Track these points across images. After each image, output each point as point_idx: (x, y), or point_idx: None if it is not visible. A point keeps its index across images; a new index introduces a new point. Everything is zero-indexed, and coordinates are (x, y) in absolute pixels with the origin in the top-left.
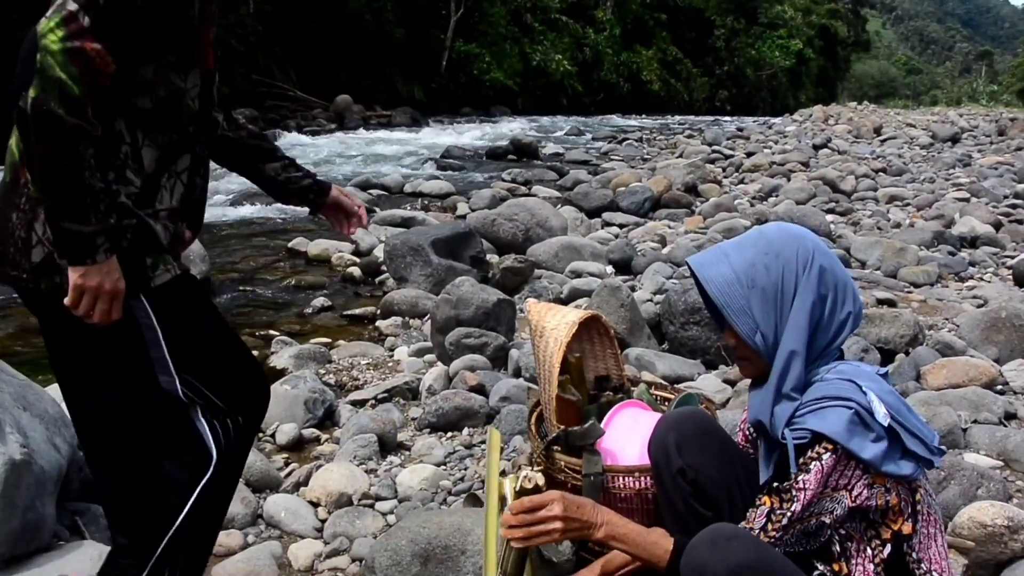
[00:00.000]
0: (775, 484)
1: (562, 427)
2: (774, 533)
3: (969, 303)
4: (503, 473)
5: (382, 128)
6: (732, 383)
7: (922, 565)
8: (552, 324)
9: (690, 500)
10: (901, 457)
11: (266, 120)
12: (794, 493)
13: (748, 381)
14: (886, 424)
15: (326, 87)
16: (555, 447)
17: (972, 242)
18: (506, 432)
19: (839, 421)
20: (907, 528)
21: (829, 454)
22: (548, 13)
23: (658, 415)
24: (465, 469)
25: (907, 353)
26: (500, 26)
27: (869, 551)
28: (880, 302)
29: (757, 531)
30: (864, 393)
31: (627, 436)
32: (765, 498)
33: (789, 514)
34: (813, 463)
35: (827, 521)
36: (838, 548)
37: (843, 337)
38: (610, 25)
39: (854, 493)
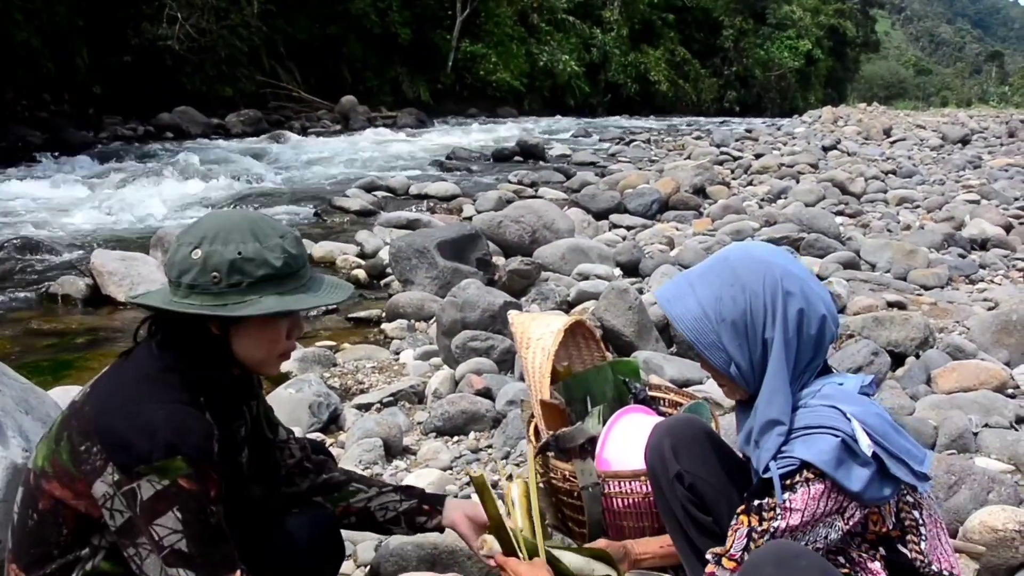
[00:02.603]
0: (755, 502)
1: (551, 432)
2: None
3: (979, 306)
4: (509, 477)
5: (387, 129)
6: None
7: (932, 566)
8: (537, 334)
9: (688, 505)
10: (882, 479)
11: (270, 122)
12: (778, 511)
13: None
14: (869, 453)
15: (331, 88)
16: (548, 453)
17: (982, 244)
18: (512, 437)
19: (827, 449)
20: (894, 532)
21: (817, 480)
22: (555, 13)
23: (660, 419)
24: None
25: (917, 356)
26: (506, 26)
27: (865, 555)
28: (890, 304)
29: (739, 553)
30: (848, 420)
31: (628, 442)
32: (742, 518)
33: (771, 531)
34: (799, 486)
35: (820, 547)
36: (846, 566)
37: (824, 348)
38: (617, 25)
39: (846, 515)
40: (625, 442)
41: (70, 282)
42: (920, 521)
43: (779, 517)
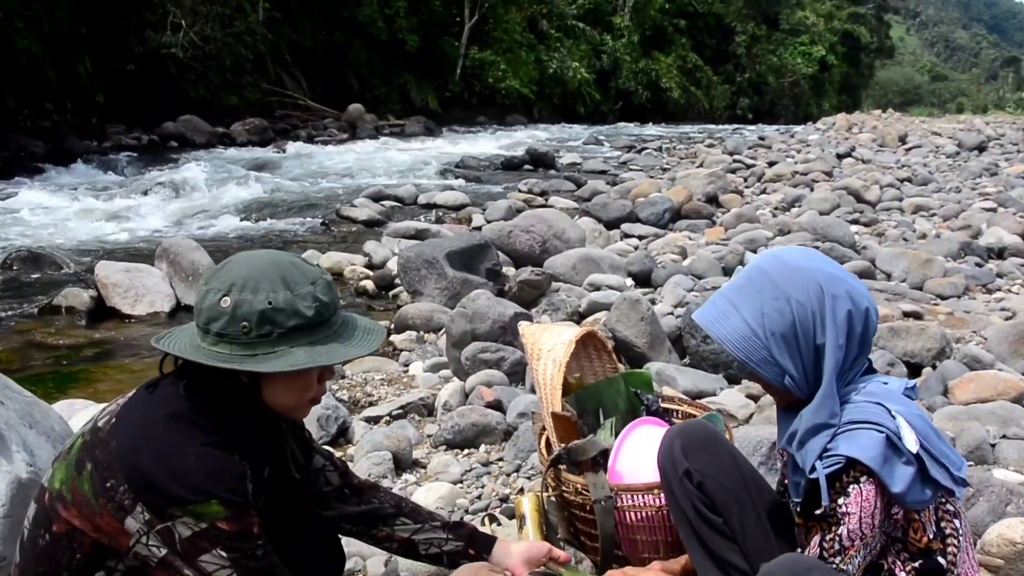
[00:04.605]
0: (816, 512)
1: (563, 445)
2: (833, 561)
3: (997, 315)
4: (521, 491)
5: (395, 138)
6: (755, 398)
7: None
8: (548, 345)
9: (698, 504)
10: (923, 483)
11: (276, 130)
12: (838, 516)
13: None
14: (915, 451)
15: (337, 96)
16: (560, 466)
17: (999, 253)
18: (523, 450)
19: (872, 445)
20: (936, 544)
21: (866, 479)
22: (564, 19)
23: None
24: (482, 487)
25: (934, 367)
26: (515, 33)
27: (899, 563)
28: (906, 315)
29: None
30: (893, 417)
31: (641, 455)
32: (813, 525)
33: (838, 538)
34: (851, 486)
35: (883, 542)
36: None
37: (870, 343)
38: (628, 32)
39: (892, 509)
40: (638, 455)
41: (74, 294)
42: (960, 531)
43: (841, 523)
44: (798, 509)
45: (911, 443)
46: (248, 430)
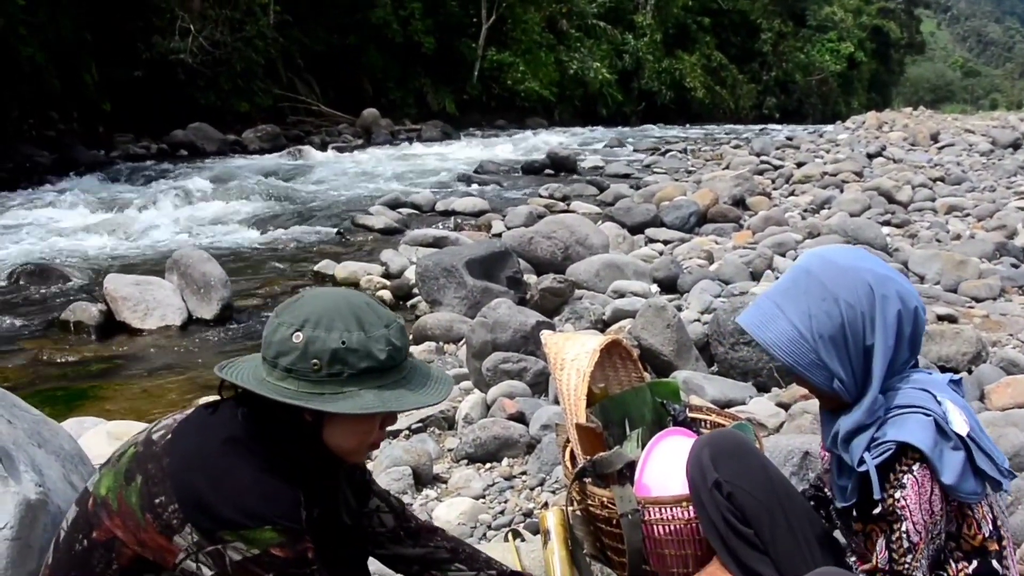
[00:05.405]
0: (874, 512)
1: (588, 457)
2: (905, 560)
3: None
4: (545, 505)
5: (412, 143)
6: (786, 406)
7: None
8: (572, 355)
9: (727, 515)
10: (973, 473)
11: (289, 137)
12: (898, 513)
13: (802, 405)
14: (965, 432)
15: (351, 101)
16: (586, 479)
17: None
18: (547, 463)
19: (919, 428)
20: (992, 545)
21: (919, 464)
22: (584, 19)
23: None
24: (505, 502)
25: (970, 371)
26: (534, 33)
27: (952, 563)
28: (940, 318)
29: (887, 565)
30: (939, 403)
31: (669, 467)
32: (872, 528)
33: (905, 535)
34: (905, 476)
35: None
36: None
37: (919, 342)
38: (650, 30)
39: (950, 497)
40: (665, 466)
41: (83, 308)
42: (1008, 534)
43: (903, 519)
44: (853, 513)
45: (959, 425)
46: (305, 466)
